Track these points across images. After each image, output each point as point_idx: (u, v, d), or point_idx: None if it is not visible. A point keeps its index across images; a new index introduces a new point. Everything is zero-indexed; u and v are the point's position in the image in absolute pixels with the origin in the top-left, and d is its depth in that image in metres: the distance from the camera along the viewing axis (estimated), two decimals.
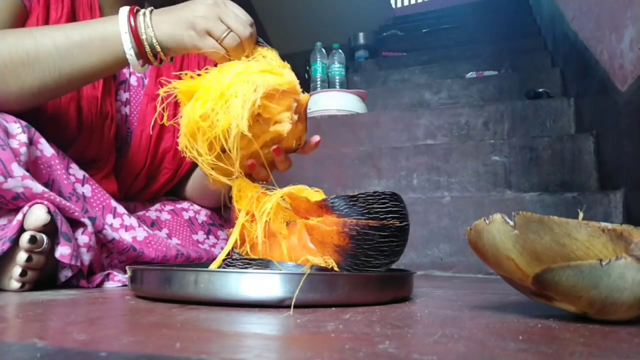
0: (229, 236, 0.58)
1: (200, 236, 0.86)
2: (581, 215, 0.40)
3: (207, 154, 0.58)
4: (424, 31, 3.08)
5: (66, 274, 0.64)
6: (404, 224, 0.53)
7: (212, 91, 0.57)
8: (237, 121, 0.55)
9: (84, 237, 0.65)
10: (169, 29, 0.62)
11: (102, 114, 0.77)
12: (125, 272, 0.71)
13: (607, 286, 0.36)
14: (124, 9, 0.63)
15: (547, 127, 1.52)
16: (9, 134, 0.60)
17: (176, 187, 0.92)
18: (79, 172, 0.71)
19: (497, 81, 1.90)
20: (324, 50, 2.27)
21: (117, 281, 0.70)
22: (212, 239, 0.87)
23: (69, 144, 0.74)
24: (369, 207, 0.51)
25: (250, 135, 0.56)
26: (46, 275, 0.64)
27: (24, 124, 0.62)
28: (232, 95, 0.56)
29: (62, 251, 0.61)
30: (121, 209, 0.74)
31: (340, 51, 2.28)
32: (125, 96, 0.83)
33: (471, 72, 2.07)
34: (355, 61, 2.72)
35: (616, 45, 1.05)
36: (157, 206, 0.86)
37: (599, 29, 1.20)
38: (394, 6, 4.53)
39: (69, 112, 0.74)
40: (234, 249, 0.57)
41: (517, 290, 0.44)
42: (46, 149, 0.65)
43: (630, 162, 1.02)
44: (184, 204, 0.89)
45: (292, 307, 0.45)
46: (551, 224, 0.36)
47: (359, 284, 0.50)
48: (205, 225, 0.88)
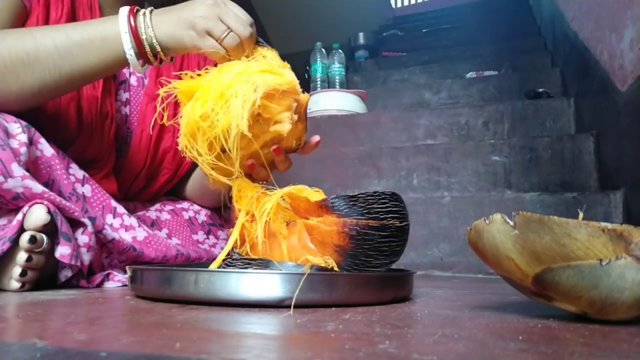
0: (229, 236, 0.58)
1: (200, 236, 0.86)
2: (581, 215, 0.40)
3: (207, 154, 0.58)
4: (424, 31, 3.08)
5: (66, 274, 0.64)
6: (404, 224, 0.53)
7: (212, 91, 0.57)
8: (237, 121, 0.55)
9: (84, 237, 0.65)
10: (169, 29, 0.62)
11: (102, 114, 0.77)
12: (125, 272, 0.71)
13: (607, 286, 0.36)
14: (124, 9, 0.63)
15: (547, 127, 1.52)
16: (9, 134, 0.60)
17: (176, 187, 0.92)
18: (79, 172, 0.71)
19: (497, 81, 1.90)
20: (324, 50, 2.27)
21: (117, 281, 0.70)
22: (212, 239, 0.87)
23: (69, 144, 0.74)
24: (369, 207, 0.51)
25: (250, 135, 0.56)
26: (46, 275, 0.64)
27: (24, 124, 0.62)
28: (232, 95, 0.56)
29: (62, 251, 0.61)
30: (121, 209, 0.74)
31: (340, 51, 2.28)
32: (125, 96, 0.83)
33: (471, 72, 2.07)
34: (355, 61, 2.72)
35: (616, 45, 1.05)
36: (157, 206, 0.86)
37: (599, 29, 1.20)
38: (394, 6, 4.53)
39: (69, 112, 0.74)
40: (234, 249, 0.57)
41: (517, 290, 0.44)
42: (46, 149, 0.65)
43: (630, 162, 1.02)
44: (184, 204, 0.89)
45: (292, 307, 0.45)
46: (551, 224, 0.36)
47: (359, 284, 0.50)
48: (205, 225, 0.88)
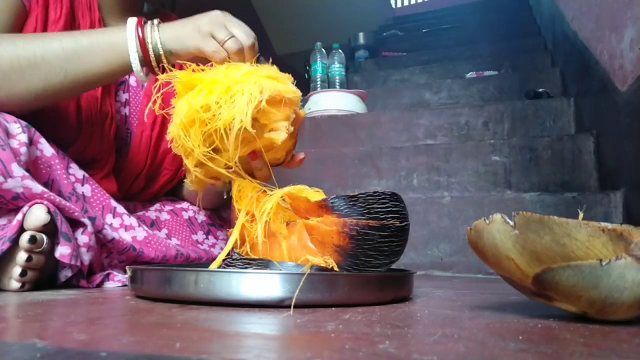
0: (228, 236, 0.58)
1: (199, 236, 0.86)
2: (581, 215, 0.40)
3: (199, 147, 0.57)
4: (424, 31, 3.08)
5: (66, 274, 0.64)
6: (404, 224, 0.53)
7: (218, 84, 0.57)
8: (241, 116, 0.55)
9: (83, 237, 0.65)
10: (174, 32, 0.65)
11: (101, 114, 0.77)
12: (125, 272, 0.71)
13: (607, 286, 0.36)
14: (132, 19, 0.65)
15: (547, 127, 1.51)
16: (9, 134, 0.60)
17: (176, 188, 0.92)
18: (78, 172, 0.71)
19: (497, 81, 1.90)
20: (324, 50, 2.27)
21: (117, 281, 0.70)
22: (211, 239, 0.87)
23: (69, 144, 0.74)
24: (369, 207, 0.51)
25: (253, 132, 0.56)
26: (46, 275, 0.64)
27: (24, 124, 0.62)
28: (238, 91, 0.56)
29: (62, 251, 0.61)
30: (121, 208, 0.74)
31: (340, 51, 2.28)
32: (124, 97, 0.83)
33: (471, 72, 2.07)
34: (355, 61, 2.71)
35: (616, 45, 1.05)
36: (157, 206, 0.86)
37: (599, 29, 1.20)
38: (394, 6, 4.53)
39: (69, 112, 0.74)
40: (234, 249, 0.57)
41: (517, 290, 0.44)
42: (46, 149, 0.65)
43: (630, 162, 1.02)
44: (184, 204, 0.89)
45: (292, 307, 0.45)
46: (551, 224, 0.36)
47: (359, 284, 0.50)
48: (204, 225, 0.88)
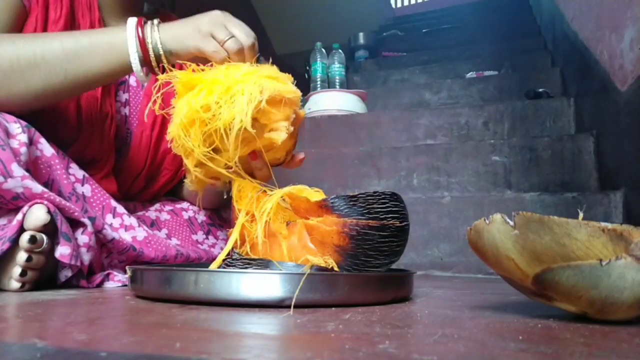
0: (228, 236, 0.58)
1: (199, 236, 0.86)
2: (581, 215, 0.40)
3: (199, 147, 0.57)
4: (424, 31, 3.08)
5: (66, 274, 0.64)
6: (404, 224, 0.53)
7: (218, 84, 0.57)
8: (241, 116, 0.55)
9: (83, 237, 0.65)
10: (174, 32, 0.65)
11: (101, 114, 0.77)
12: (125, 272, 0.71)
13: (607, 286, 0.36)
14: (132, 19, 0.65)
15: (547, 127, 1.51)
16: (9, 134, 0.60)
17: (176, 188, 0.92)
18: (78, 171, 0.71)
19: (497, 81, 1.90)
20: (324, 50, 2.27)
21: (117, 281, 0.70)
22: (211, 239, 0.87)
23: (69, 144, 0.74)
24: (369, 207, 0.51)
25: (253, 132, 0.56)
26: (46, 275, 0.64)
27: (24, 124, 0.63)
28: (238, 91, 0.56)
29: (62, 251, 0.61)
30: (121, 208, 0.74)
31: (340, 51, 2.28)
32: (124, 97, 0.83)
33: (471, 72, 2.07)
34: (355, 61, 2.71)
35: (616, 45, 1.05)
36: (157, 206, 0.86)
37: (599, 29, 1.20)
38: (394, 6, 4.53)
39: (69, 112, 0.74)
40: (234, 249, 0.57)
41: (517, 290, 0.44)
42: (46, 149, 0.65)
43: (630, 162, 1.02)
44: (184, 204, 0.89)
45: (292, 307, 0.45)
46: (551, 224, 0.36)
47: (359, 284, 0.50)
48: (204, 225, 0.88)
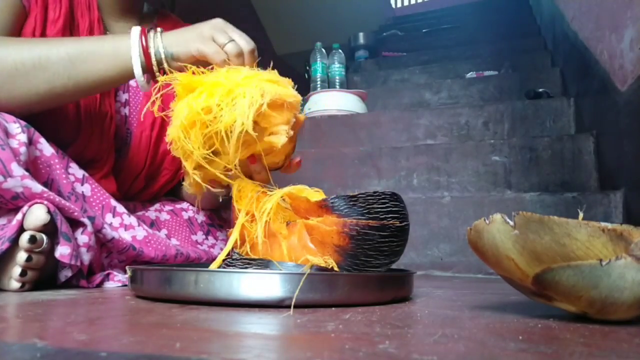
0: (228, 236, 0.58)
1: (199, 237, 0.86)
2: (581, 215, 0.40)
3: (199, 149, 0.57)
4: (424, 31, 3.08)
5: (66, 274, 0.64)
6: (404, 224, 0.53)
7: (219, 87, 0.57)
8: (242, 119, 0.55)
9: (83, 237, 0.65)
10: (176, 37, 0.66)
11: (101, 114, 0.77)
12: (125, 272, 0.71)
13: (607, 286, 0.36)
14: (137, 28, 0.66)
15: (547, 127, 1.52)
16: (8, 134, 0.60)
17: (176, 188, 0.92)
18: (78, 171, 0.71)
19: (497, 81, 1.90)
20: (324, 50, 2.27)
21: (117, 281, 0.70)
22: (211, 240, 0.87)
23: (68, 144, 0.74)
24: (369, 207, 0.51)
25: (255, 135, 0.56)
26: (46, 275, 0.64)
27: (23, 123, 0.63)
28: (240, 94, 0.56)
29: (62, 251, 0.61)
30: (121, 208, 0.74)
31: (340, 51, 2.28)
32: (124, 97, 0.83)
33: (471, 72, 2.07)
34: (355, 61, 2.71)
35: (616, 45, 1.05)
36: (157, 206, 0.86)
37: (599, 29, 1.20)
38: (394, 6, 4.53)
39: (68, 111, 0.74)
40: (234, 249, 0.57)
41: (517, 290, 0.44)
42: (46, 149, 0.65)
43: (630, 162, 1.02)
44: (184, 204, 0.89)
45: (292, 307, 0.45)
46: (551, 224, 0.36)
47: (359, 284, 0.50)
48: (204, 225, 0.88)
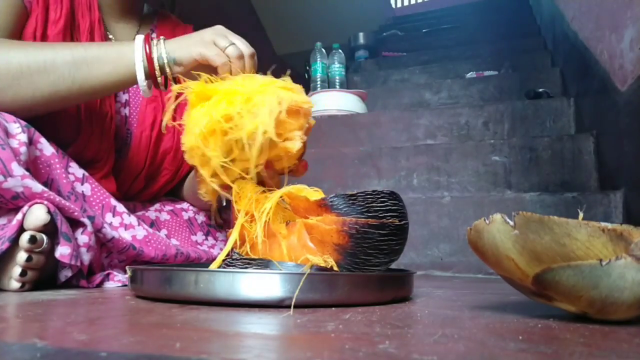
0: (228, 236, 0.58)
1: (199, 237, 0.86)
2: (581, 215, 0.40)
3: (218, 157, 0.58)
4: (424, 31, 3.08)
5: (66, 274, 0.64)
6: (403, 222, 0.53)
7: (237, 95, 0.58)
8: (264, 127, 0.56)
9: (83, 237, 0.65)
10: (178, 43, 0.67)
11: (101, 114, 0.77)
12: (125, 272, 0.71)
13: (607, 286, 0.36)
14: (140, 36, 0.67)
15: (547, 127, 1.51)
16: (8, 134, 0.60)
17: (176, 188, 0.92)
18: (78, 170, 0.71)
19: (497, 81, 1.90)
20: (324, 50, 2.27)
21: (117, 281, 0.70)
22: (210, 240, 0.87)
23: (68, 144, 0.74)
24: (368, 205, 0.51)
25: (279, 141, 0.57)
26: (46, 275, 0.64)
27: (23, 123, 0.63)
28: (259, 101, 0.57)
29: (62, 251, 0.61)
30: (121, 207, 0.74)
31: (340, 51, 2.28)
32: (124, 97, 0.83)
33: (471, 72, 2.07)
34: (355, 61, 2.72)
35: (616, 45, 1.05)
36: (157, 206, 0.86)
37: (599, 29, 1.20)
38: (394, 6, 4.53)
39: (68, 112, 0.74)
40: (233, 249, 0.57)
41: (517, 290, 0.44)
42: (46, 148, 0.65)
43: (630, 162, 1.02)
44: (184, 204, 0.89)
45: (292, 307, 0.45)
46: (551, 224, 0.36)
47: (359, 284, 0.50)
48: (204, 225, 0.88)
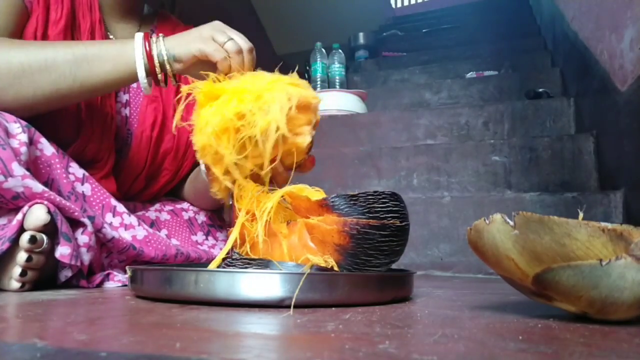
0: (228, 236, 0.58)
1: (199, 237, 0.86)
2: (581, 215, 0.40)
3: (231, 154, 0.57)
4: (424, 31, 3.08)
5: (66, 274, 0.64)
6: (404, 223, 0.53)
7: (247, 93, 0.58)
8: (277, 123, 0.56)
9: (83, 237, 0.65)
10: (177, 39, 0.67)
11: (101, 114, 0.77)
12: (125, 272, 0.71)
13: (607, 286, 0.36)
14: (140, 33, 0.67)
15: (547, 127, 1.51)
16: (9, 134, 0.60)
17: (176, 188, 0.92)
18: (78, 170, 0.71)
19: (497, 81, 1.89)
20: (324, 50, 2.27)
21: (117, 281, 0.70)
22: (211, 240, 0.87)
23: (69, 144, 0.74)
24: (369, 206, 0.51)
25: (291, 136, 0.57)
26: (46, 275, 0.64)
27: (24, 123, 0.63)
28: (269, 98, 0.57)
29: (62, 251, 0.61)
30: (121, 207, 0.74)
31: (340, 51, 2.28)
32: (125, 97, 0.84)
33: (471, 72, 2.07)
34: (355, 61, 2.72)
35: (616, 45, 1.05)
36: (157, 206, 0.86)
37: (599, 29, 1.20)
38: (394, 6, 4.53)
39: (69, 111, 0.74)
40: (233, 249, 0.57)
41: (517, 290, 0.44)
42: (46, 148, 0.65)
43: (630, 162, 1.02)
44: (184, 204, 0.89)
45: (292, 307, 0.45)
46: (551, 224, 0.36)
47: (359, 284, 0.50)
48: (204, 225, 0.88)
